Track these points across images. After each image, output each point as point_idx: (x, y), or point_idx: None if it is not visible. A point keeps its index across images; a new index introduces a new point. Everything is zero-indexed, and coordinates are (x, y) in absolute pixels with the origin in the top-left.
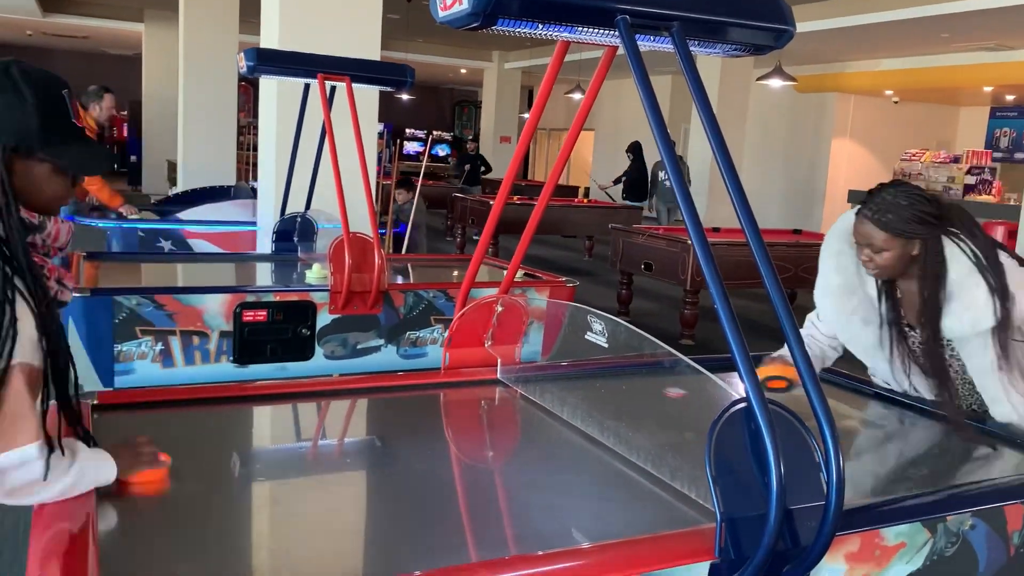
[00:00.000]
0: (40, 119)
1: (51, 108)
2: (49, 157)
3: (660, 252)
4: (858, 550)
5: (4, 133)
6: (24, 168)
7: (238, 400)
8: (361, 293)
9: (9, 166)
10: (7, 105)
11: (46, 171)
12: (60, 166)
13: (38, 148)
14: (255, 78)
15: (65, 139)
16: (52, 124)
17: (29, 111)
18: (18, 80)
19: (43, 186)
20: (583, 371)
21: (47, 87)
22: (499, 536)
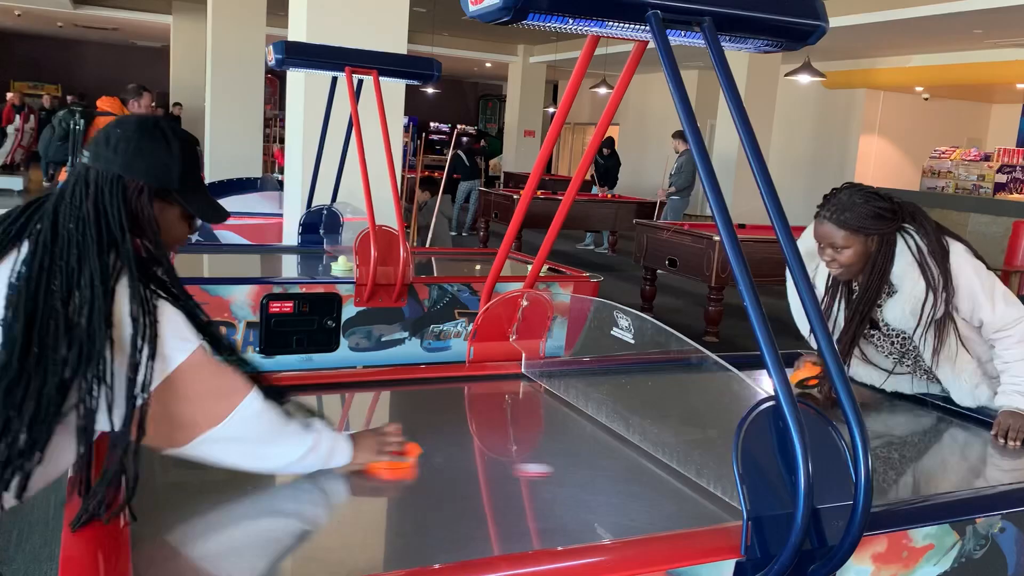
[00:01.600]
0: (182, 167)
1: (190, 160)
2: (182, 202)
3: (685, 248)
4: (885, 551)
5: (150, 175)
6: (160, 209)
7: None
8: (386, 286)
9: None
10: (156, 150)
11: (176, 215)
12: (189, 211)
13: (176, 192)
14: (282, 71)
15: (196, 189)
16: (189, 174)
17: (174, 159)
18: (167, 132)
19: (170, 227)
20: (608, 367)
21: (188, 141)
22: (522, 530)
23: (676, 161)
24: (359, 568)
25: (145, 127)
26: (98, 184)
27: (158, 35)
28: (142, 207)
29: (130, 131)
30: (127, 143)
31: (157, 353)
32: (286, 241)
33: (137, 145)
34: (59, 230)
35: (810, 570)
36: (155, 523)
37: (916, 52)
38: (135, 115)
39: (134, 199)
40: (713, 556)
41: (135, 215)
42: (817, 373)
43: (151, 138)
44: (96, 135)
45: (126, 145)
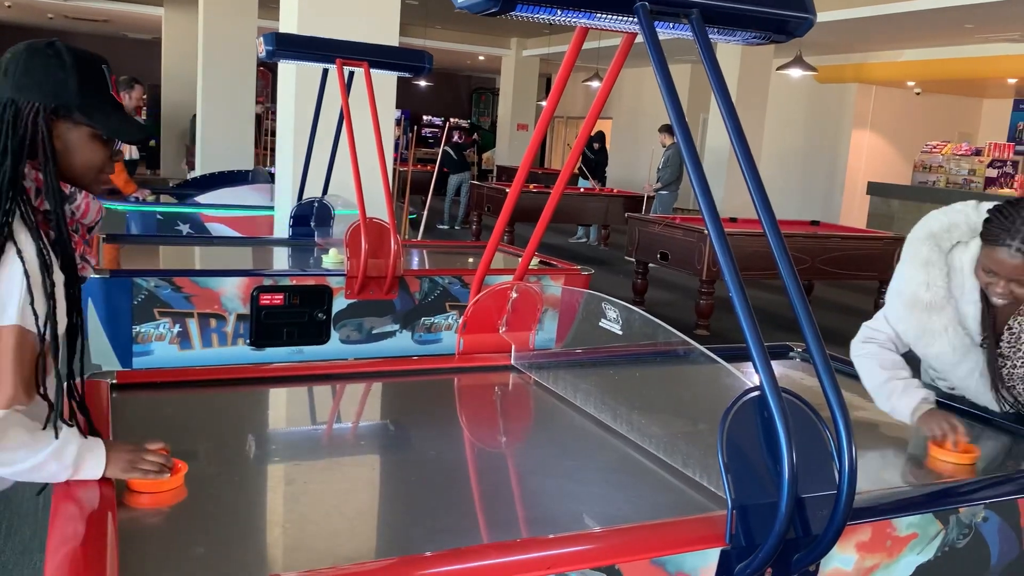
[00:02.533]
0: (79, 82)
1: (90, 75)
2: (87, 121)
3: (676, 242)
4: (869, 540)
5: (44, 93)
6: (62, 131)
7: (254, 382)
8: (377, 278)
9: (49, 127)
10: (47, 67)
11: (83, 136)
12: (97, 130)
13: (76, 110)
14: (274, 63)
15: (103, 106)
16: (91, 89)
17: (69, 73)
18: (60, 49)
19: (80, 151)
20: (597, 358)
21: (87, 58)
22: (511, 519)
23: (663, 155)
24: (347, 557)
25: (35, 47)
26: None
27: (149, 27)
28: (37, 129)
29: (19, 52)
30: (16, 64)
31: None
32: (277, 233)
33: (26, 65)
34: None
35: (795, 559)
36: (142, 515)
37: (908, 46)
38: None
39: (27, 120)
40: (698, 544)
41: (29, 138)
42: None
43: (42, 56)
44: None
45: (15, 66)
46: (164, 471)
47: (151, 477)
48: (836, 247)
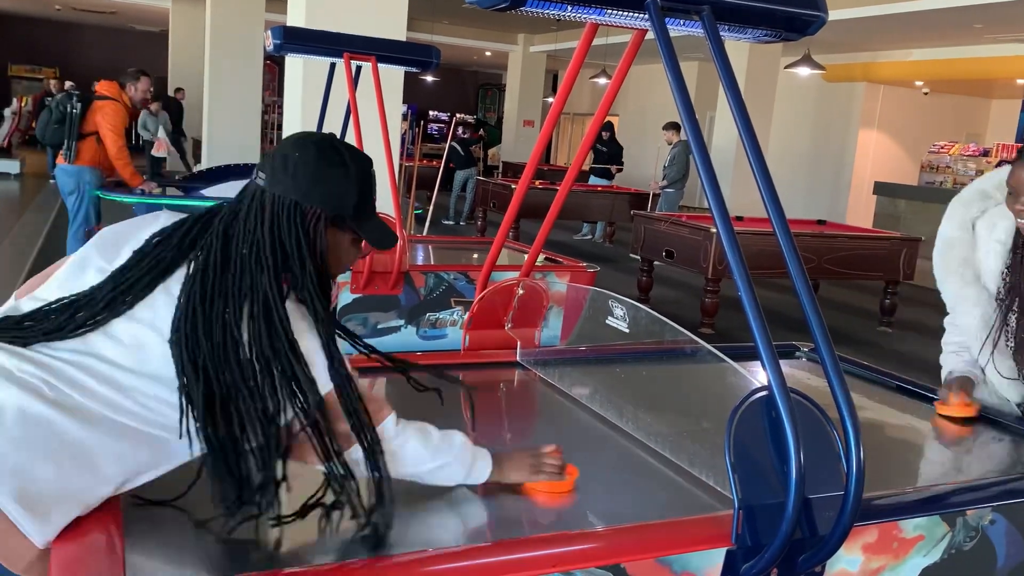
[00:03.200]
0: (358, 196)
1: (366, 186)
2: (355, 228)
3: (682, 240)
4: (876, 541)
5: (328, 204)
6: (332, 234)
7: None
8: (382, 273)
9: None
10: (336, 178)
11: (347, 240)
12: (360, 237)
13: (350, 220)
14: (281, 56)
15: (370, 216)
16: (365, 199)
17: (352, 186)
18: (346, 157)
19: (341, 253)
20: (603, 356)
21: (365, 163)
22: (514, 517)
23: (669, 153)
24: (350, 554)
25: (324, 152)
26: (274, 210)
27: (157, 19)
28: (318, 234)
29: (310, 157)
30: (306, 168)
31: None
32: None
33: (316, 172)
34: (230, 254)
35: (800, 559)
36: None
37: (916, 46)
38: (315, 138)
39: (311, 226)
40: (704, 544)
41: (311, 242)
42: (968, 415)
43: (330, 164)
44: (273, 156)
45: (305, 170)
46: (563, 474)
47: (554, 479)
48: (842, 247)
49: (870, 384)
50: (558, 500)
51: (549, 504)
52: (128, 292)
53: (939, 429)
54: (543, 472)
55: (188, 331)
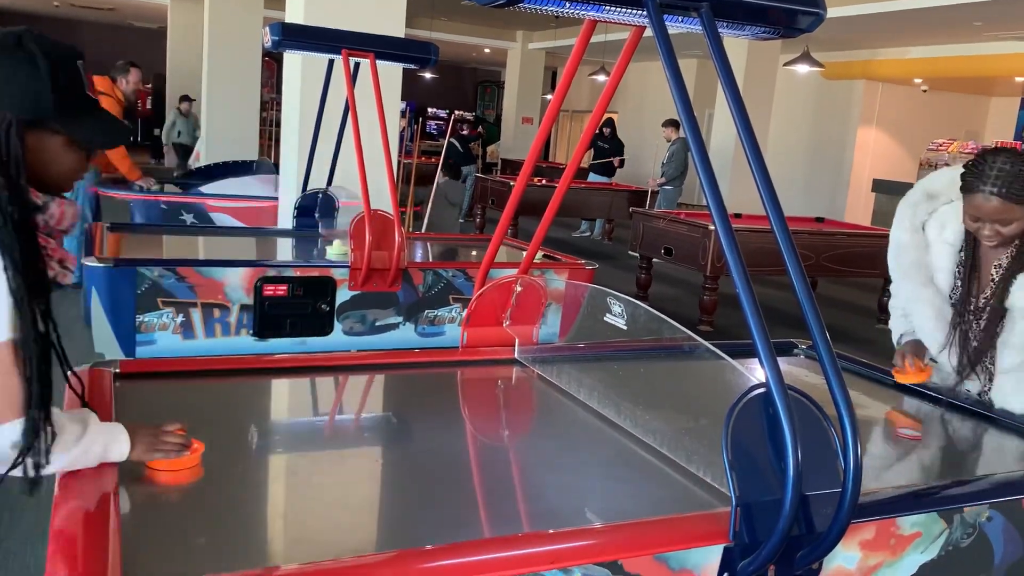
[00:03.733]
0: (55, 89)
1: (66, 79)
2: (63, 129)
3: (681, 237)
4: (873, 538)
5: (18, 105)
6: (36, 141)
7: (257, 372)
8: (381, 270)
9: (22, 140)
10: (22, 76)
11: (59, 144)
12: (75, 139)
13: (52, 120)
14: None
15: (80, 111)
16: (67, 95)
17: (44, 82)
18: (33, 50)
19: (55, 160)
20: (601, 353)
21: (62, 57)
22: (513, 513)
23: (668, 150)
24: (350, 549)
25: (5, 48)
26: None
27: (155, 16)
28: (10, 142)
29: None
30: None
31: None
32: (281, 224)
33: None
34: None
35: (798, 556)
36: (143, 505)
37: (915, 44)
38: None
39: (2, 134)
40: (701, 541)
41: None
42: (924, 379)
43: (14, 62)
44: None
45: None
46: (184, 450)
47: (172, 456)
48: (841, 244)
49: (868, 381)
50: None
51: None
52: None
53: (937, 426)
54: (161, 450)
55: None
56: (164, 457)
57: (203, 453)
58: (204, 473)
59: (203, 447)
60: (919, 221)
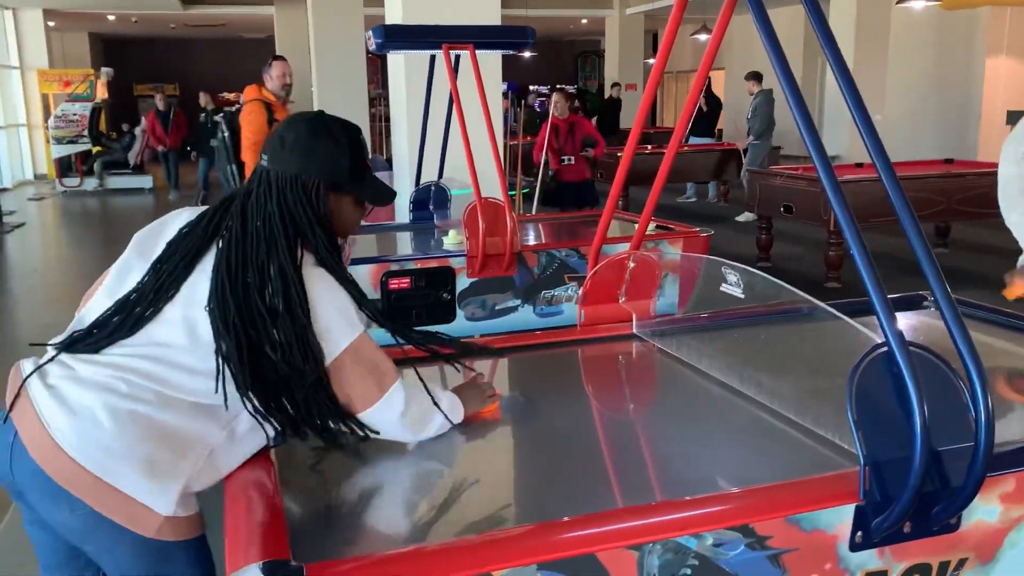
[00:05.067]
0: (351, 160)
1: (357, 151)
2: (353, 191)
3: (800, 193)
4: (1014, 490)
5: (324, 172)
6: (334, 201)
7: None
8: (496, 256)
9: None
10: (327, 148)
11: (349, 202)
12: (360, 198)
13: (346, 183)
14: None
15: (366, 177)
16: (357, 164)
17: (344, 153)
18: (334, 129)
19: (345, 215)
20: (720, 322)
21: (353, 132)
22: (644, 483)
23: (751, 104)
24: (491, 524)
25: (314, 127)
26: (279, 185)
27: (263, 26)
28: (320, 202)
29: (302, 132)
30: (299, 143)
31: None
32: (399, 219)
33: (308, 145)
34: (248, 227)
35: (934, 512)
36: (298, 491)
37: None
38: (305, 116)
39: (312, 195)
40: (832, 501)
41: (316, 209)
42: None
43: (320, 136)
44: (271, 138)
45: (298, 145)
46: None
47: (494, 402)
48: (973, 185)
49: (1002, 328)
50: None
51: None
52: (170, 279)
53: None
54: (489, 398)
55: (220, 298)
56: (492, 403)
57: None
58: (345, 456)
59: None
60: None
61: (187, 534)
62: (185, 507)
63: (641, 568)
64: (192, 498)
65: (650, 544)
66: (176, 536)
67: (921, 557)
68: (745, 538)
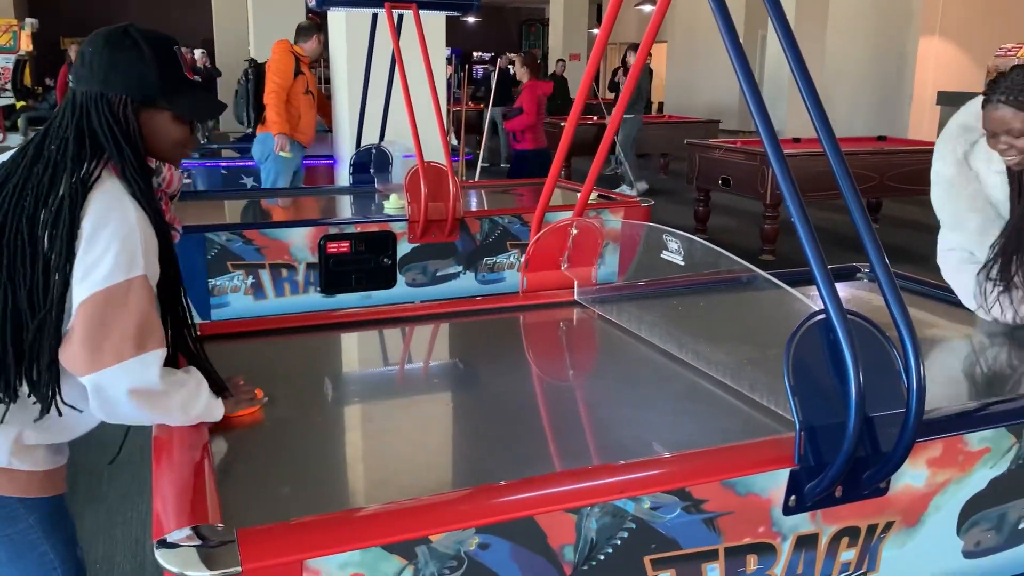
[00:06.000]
0: (159, 72)
1: (167, 61)
2: (168, 106)
3: (738, 166)
4: (940, 455)
5: (129, 87)
6: (147, 118)
7: (327, 328)
8: (438, 221)
9: (137, 117)
10: (130, 61)
11: (166, 119)
12: (177, 113)
13: (158, 98)
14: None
15: (180, 89)
16: (169, 76)
17: (149, 65)
18: (138, 39)
19: (163, 133)
20: (660, 290)
21: (162, 43)
22: (582, 448)
23: None
24: (429, 488)
25: (113, 40)
26: (83, 105)
27: None
28: (127, 120)
29: (99, 45)
30: (99, 58)
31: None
32: (338, 182)
33: (109, 59)
34: (42, 152)
35: (865, 476)
36: (229, 459)
37: None
38: (105, 30)
39: (120, 112)
40: (767, 466)
41: (123, 129)
42: None
43: (122, 49)
44: (76, 56)
45: (99, 60)
46: (256, 399)
47: (253, 406)
48: (904, 162)
49: (932, 300)
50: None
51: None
52: None
53: (1003, 341)
54: (247, 402)
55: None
56: (247, 407)
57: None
58: (284, 425)
59: (261, 393)
60: (960, 153)
61: (31, 491)
62: (25, 460)
63: (579, 531)
64: (37, 452)
65: (588, 507)
66: (16, 492)
67: (851, 520)
68: (682, 501)
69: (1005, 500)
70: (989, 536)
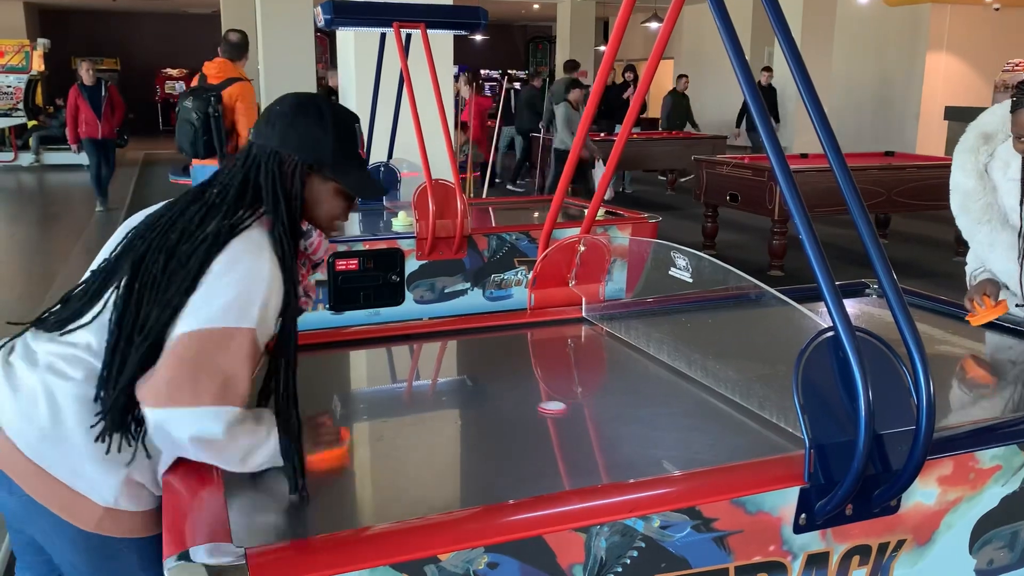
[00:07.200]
0: (335, 143)
1: (345, 136)
2: (335, 176)
3: (746, 182)
4: (951, 473)
5: (304, 149)
6: (313, 184)
7: (336, 345)
8: (446, 238)
9: (303, 180)
10: (310, 125)
11: (329, 190)
12: (343, 187)
13: (328, 167)
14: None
15: (351, 164)
16: (343, 150)
17: (328, 134)
18: (323, 109)
19: (325, 202)
20: (668, 307)
21: (344, 117)
22: (591, 466)
23: None
24: (438, 507)
25: (302, 104)
26: (256, 157)
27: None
28: (293, 180)
29: (286, 107)
30: (283, 119)
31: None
32: None
33: (292, 120)
34: (203, 195)
35: (875, 494)
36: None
37: None
38: (296, 93)
39: (289, 172)
40: (777, 484)
41: (287, 187)
42: (1000, 313)
43: (305, 114)
44: (262, 112)
45: (282, 121)
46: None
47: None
48: (912, 177)
49: (941, 316)
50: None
51: None
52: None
53: (1013, 358)
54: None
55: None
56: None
57: None
58: None
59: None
60: (981, 164)
61: (135, 531)
62: (131, 500)
63: (588, 550)
64: (142, 492)
65: (597, 526)
66: (120, 532)
67: (861, 539)
68: (691, 520)
69: (1017, 518)
70: (1002, 554)
